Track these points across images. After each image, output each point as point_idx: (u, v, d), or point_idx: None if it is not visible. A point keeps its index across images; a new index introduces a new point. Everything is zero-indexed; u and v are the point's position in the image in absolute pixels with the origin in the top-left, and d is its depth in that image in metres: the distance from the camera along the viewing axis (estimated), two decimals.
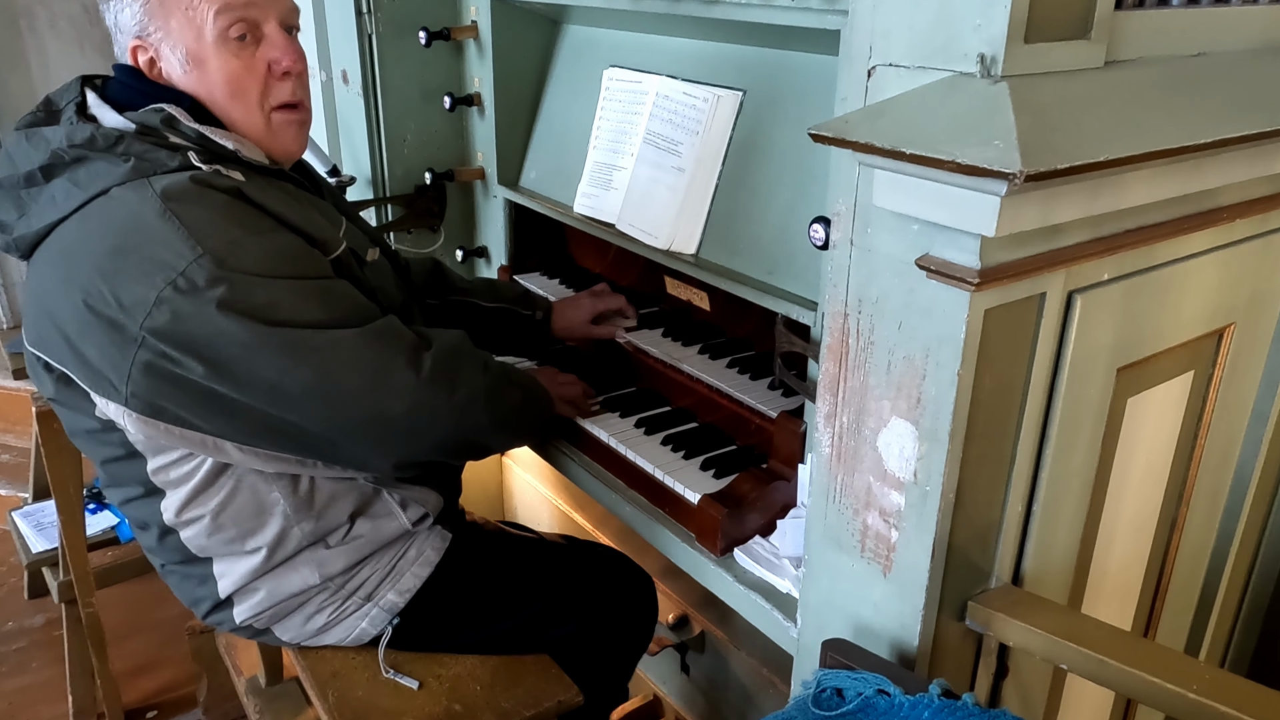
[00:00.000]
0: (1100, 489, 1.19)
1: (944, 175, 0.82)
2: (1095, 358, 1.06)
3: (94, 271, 1.22)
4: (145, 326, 1.20)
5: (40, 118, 1.35)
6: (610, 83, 1.78)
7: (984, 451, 1.00)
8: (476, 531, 1.65)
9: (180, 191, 1.23)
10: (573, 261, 2.17)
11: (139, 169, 1.25)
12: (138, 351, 1.21)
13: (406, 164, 2.10)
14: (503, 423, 1.43)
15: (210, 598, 1.47)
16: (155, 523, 1.41)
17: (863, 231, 0.99)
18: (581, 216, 1.81)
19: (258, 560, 1.43)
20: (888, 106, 0.89)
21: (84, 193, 1.25)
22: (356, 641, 1.54)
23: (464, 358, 1.37)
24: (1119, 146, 0.84)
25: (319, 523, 1.45)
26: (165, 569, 1.50)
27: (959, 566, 1.04)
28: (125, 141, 1.26)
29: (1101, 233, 0.99)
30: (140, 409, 1.27)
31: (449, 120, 2.11)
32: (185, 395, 1.25)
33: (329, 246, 1.34)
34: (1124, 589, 1.34)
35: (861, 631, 1.11)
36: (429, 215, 2.14)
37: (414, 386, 1.29)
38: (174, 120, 1.30)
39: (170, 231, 1.20)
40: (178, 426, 1.29)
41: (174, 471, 1.37)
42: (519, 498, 2.49)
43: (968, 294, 0.89)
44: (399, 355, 1.30)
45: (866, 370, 1.02)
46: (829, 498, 1.11)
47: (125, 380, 1.24)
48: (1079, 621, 1.05)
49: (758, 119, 1.53)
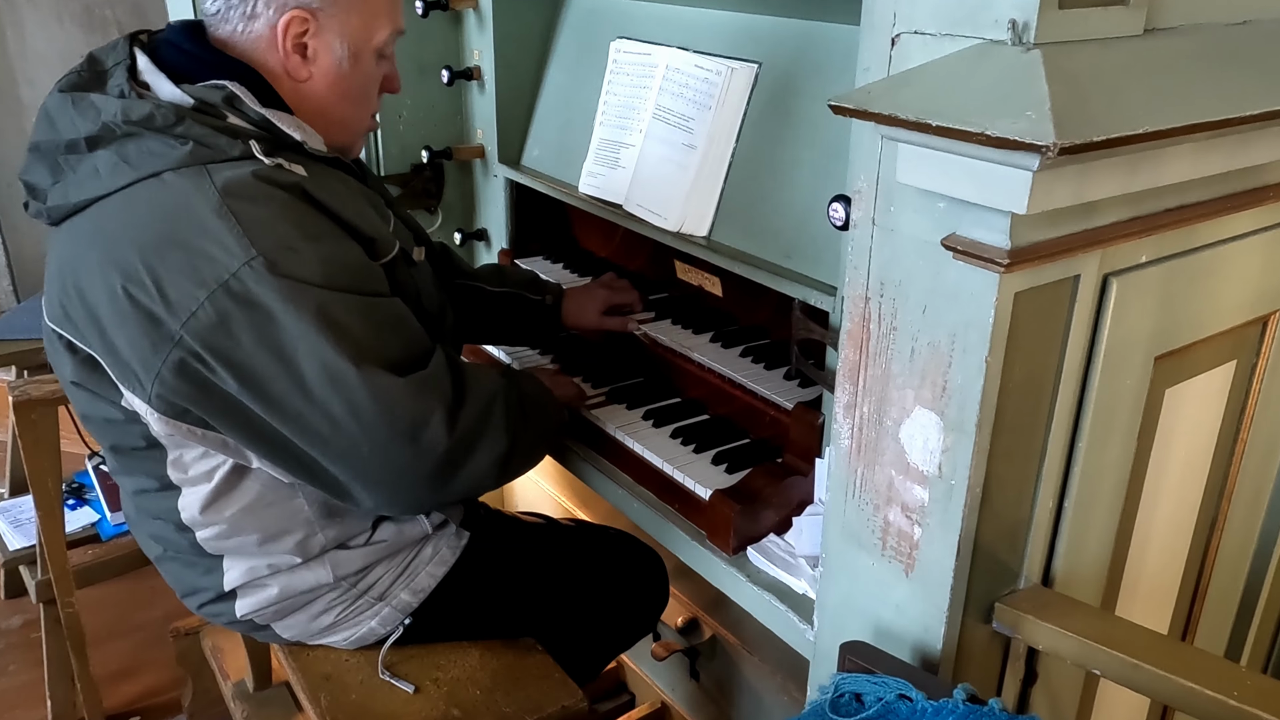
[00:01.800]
0: (1136, 485, 1.18)
1: (972, 149, 0.81)
2: (1132, 345, 1.06)
3: (138, 258, 1.20)
4: (188, 327, 1.19)
5: (85, 79, 1.31)
6: (618, 55, 1.78)
7: (1013, 444, 1.00)
8: (491, 524, 1.67)
9: (241, 188, 1.21)
10: (577, 244, 2.17)
11: (197, 155, 1.22)
12: (173, 350, 1.21)
13: (402, 141, 2.10)
14: (516, 472, 1.45)
15: (213, 589, 1.47)
16: (173, 519, 1.42)
17: (885, 210, 0.98)
18: (587, 197, 1.81)
19: (275, 560, 1.44)
20: (913, 76, 0.89)
21: (134, 171, 1.23)
22: (360, 643, 1.55)
23: (494, 417, 1.35)
24: (1159, 118, 0.83)
25: (343, 527, 1.46)
26: (166, 555, 1.50)
27: (986, 566, 1.04)
28: (185, 122, 1.24)
29: (1139, 211, 0.98)
30: (164, 409, 1.27)
31: (447, 95, 2.11)
32: (212, 403, 1.24)
33: (383, 248, 1.35)
34: (1161, 590, 1.34)
35: (882, 634, 1.11)
36: (426, 196, 2.14)
37: (445, 450, 1.28)
38: (237, 100, 1.29)
39: (225, 230, 1.18)
40: (200, 428, 1.30)
41: (195, 468, 1.37)
42: (520, 493, 2.50)
43: (997, 276, 0.88)
44: (436, 411, 1.27)
45: (889, 357, 1.01)
46: (848, 493, 1.11)
47: (154, 379, 1.23)
48: (1113, 624, 1.04)
49: (774, 92, 1.52)
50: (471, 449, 1.32)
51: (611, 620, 1.73)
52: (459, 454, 1.30)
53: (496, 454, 1.34)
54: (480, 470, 1.33)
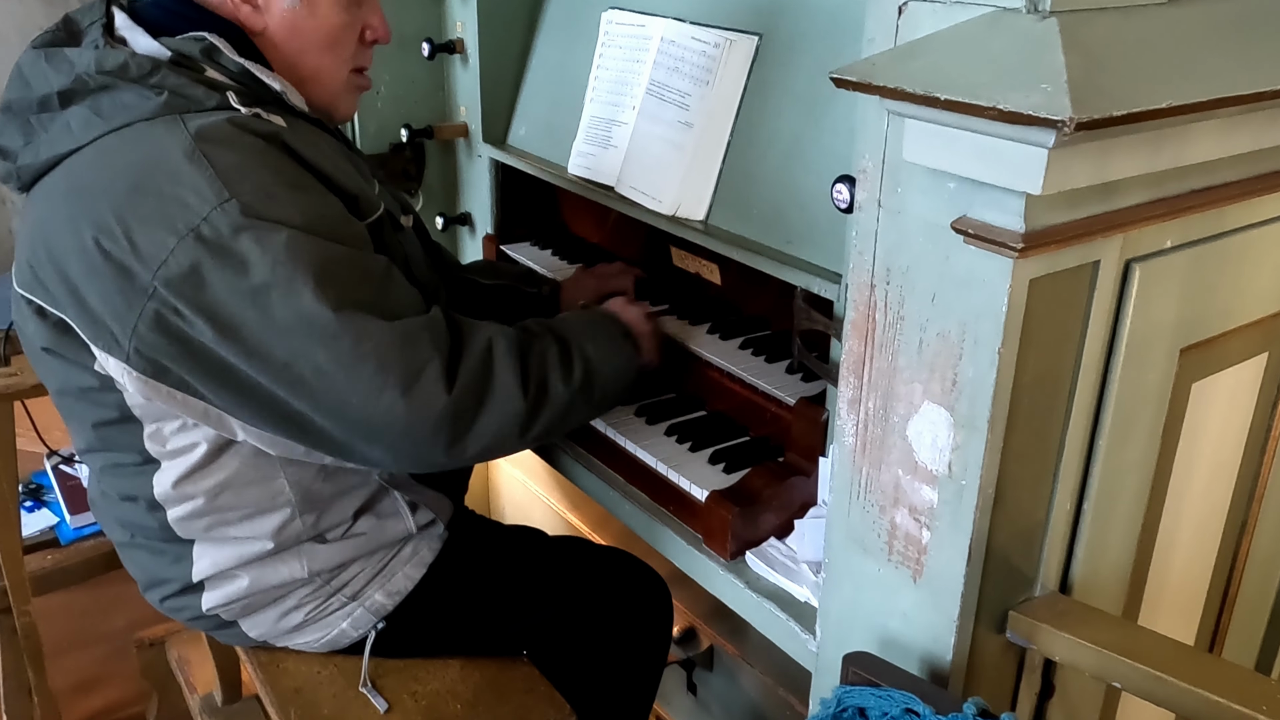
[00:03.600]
0: (1160, 486, 1.18)
1: (983, 124, 0.81)
2: (1155, 336, 1.06)
3: (109, 210, 1.22)
4: (159, 276, 1.20)
5: (60, 37, 1.33)
6: (610, 26, 1.77)
7: (1028, 442, 0.99)
8: (472, 528, 1.66)
9: (215, 132, 1.23)
10: (567, 230, 2.17)
11: (171, 104, 1.24)
12: (147, 303, 1.21)
13: (379, 119, 2.09)
14: (550, 430, 1.40)
15: (180, 579, 1.47)
16: (145, 496, 1.42)
17: (892, 191, 0.98)
18: (576, 178, 1.80)
19: (250, 550, 1.44)
20: (920, 47, 0.88)
21: (106, 124, 1.25)
22: (330, 646, 1.55)
23: (501, 372, 1.33)
24: (1184, 92, 0.82)
25: (323, 516, 1.46)
26: (133, 541, 1.49)
27: (999, 572, 1.04)
28: (160, 72, 1.26)
29: (1164, 193, 0.98)
30: (142, 368, 1.27)
31: (428, 70, 2.10)
32: (191, 359, 1.25)
33: (368, 207, 1.35)
34: (1186, 599, 1.34)
35: (888, 644, 1.11)
36: (405, 178, 2.13)
37: (445, 406, 1.27)
38: (215, 52, 1.31)
39: (198, 174, 1.20)
40: (180, 391, 1.29)
41: (174, 441, 1.37)
42: (507, 496, 2.50)
43: (1010, 261, 0.88)
44: (431, 362, 1.26)
45: (895, 349, 1.01)
46: (852, 494, 1.10)
47: (130, 334, 1.24)
48: (1135, 634, 1.04)
49: (775, 66, 1.51)
50: (480, 405, 1.30)
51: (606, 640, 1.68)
52: (465, 410, 1.29)
53: (511, 412, 1.32)
54: (495, 429, 1.32)
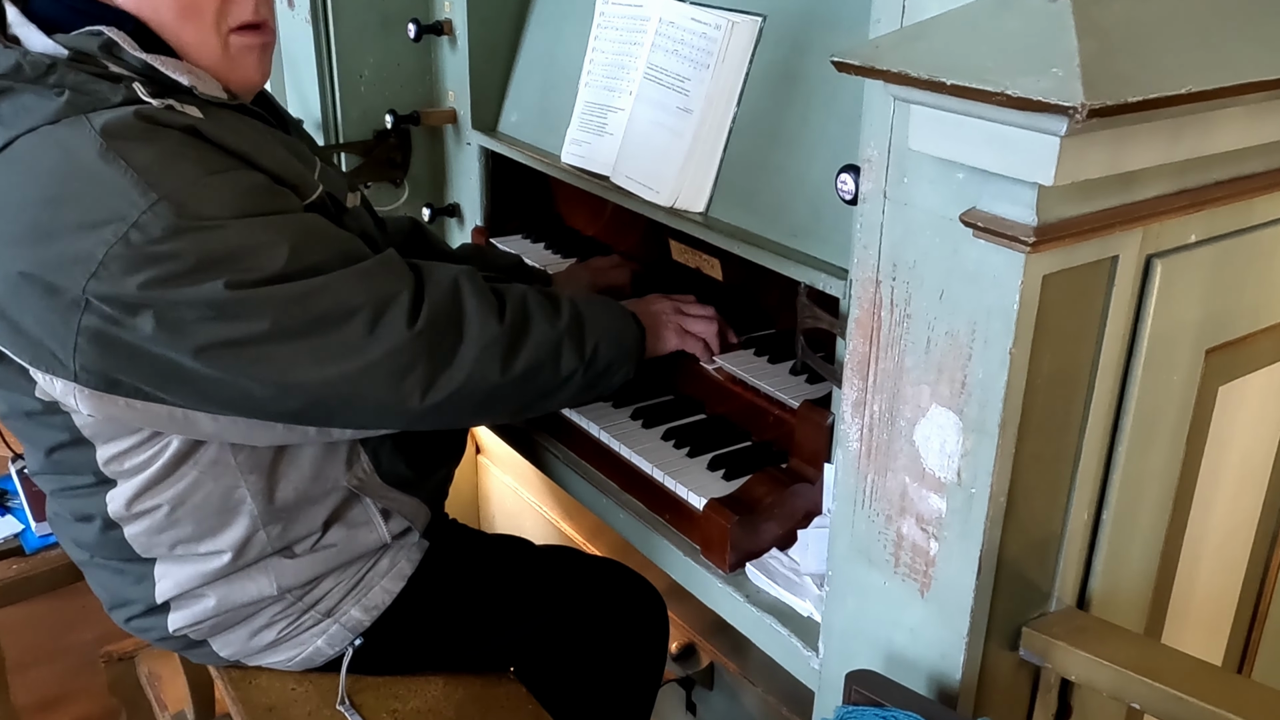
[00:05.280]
0: (1185, 494, 1.18)
1: (992, 111, 0.80)
2: (1179, 336, 1.05)
3: (26, 226, 1.21)
4: (90, 289, 1.19)
5: None
6: (605, 6, 1.77)
7: (1042, 447, 0.99)
8: (455, 537, 1.66)
9: (124, 128, 1.22)
10: (561, 222, 2.17)
11: (75, 104, 1.23)
12: (83, 317, 1.21)
13: (363, 104, 2.09)
14: (551, 377, 1.40)
15: (143, 600, 1.48)
16: (100, 515, 1.42)
17: (898, 182, 0.98)
18: (570, 168, 1.80)
19: (213, 565, 1.44)
20: (927, 28, 0.88)
21: (8, 131, 1.24)
22: (305, 664, 1.55)
23: (470, 305, 1.34)
24: (1206, 76, 0.82)
25: (289, 527, 1.46)
26: (93, 561, 1.50)
27: (1011, 585, 1.04)
28: (58, 70, 1.25)
29: (1186, 184, 0.98)
30: (93, 383, 1.27)
31: (414, 52, 2.10)
32: (141, 366, 1.25)
33: (304, 190, 1.34)
34: (1213, 615, 1.34)
35: (894, 662, 1.11)
36: (390, 166, 2.14)
37: (410, 336, 1.28)
38: (115, 46, 1.29)
39: (116, 175, 1.19)
40: (138, 400, 1.29)
41: (130, 460, 1.38)
42: (497, 504, 2.50)
43: (1022, 256, 0.88)
44: (398, 297, 1.28)
45: (902, 349, 1.01)
46: (856, 502, 1.10)
47: (72, 352, 1.24)
48: (1157, 652, 1.04)
49: (779, 49, 1.51)
50: (451, 332, 1.31)
51: (599, 657, 1.69)
52: (437, 341, 1.30)
53: (488, 339, 1.33)
54: (472, 360, 1.32)
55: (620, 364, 1.47)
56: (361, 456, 1.49)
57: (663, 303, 1.63)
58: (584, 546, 2.20)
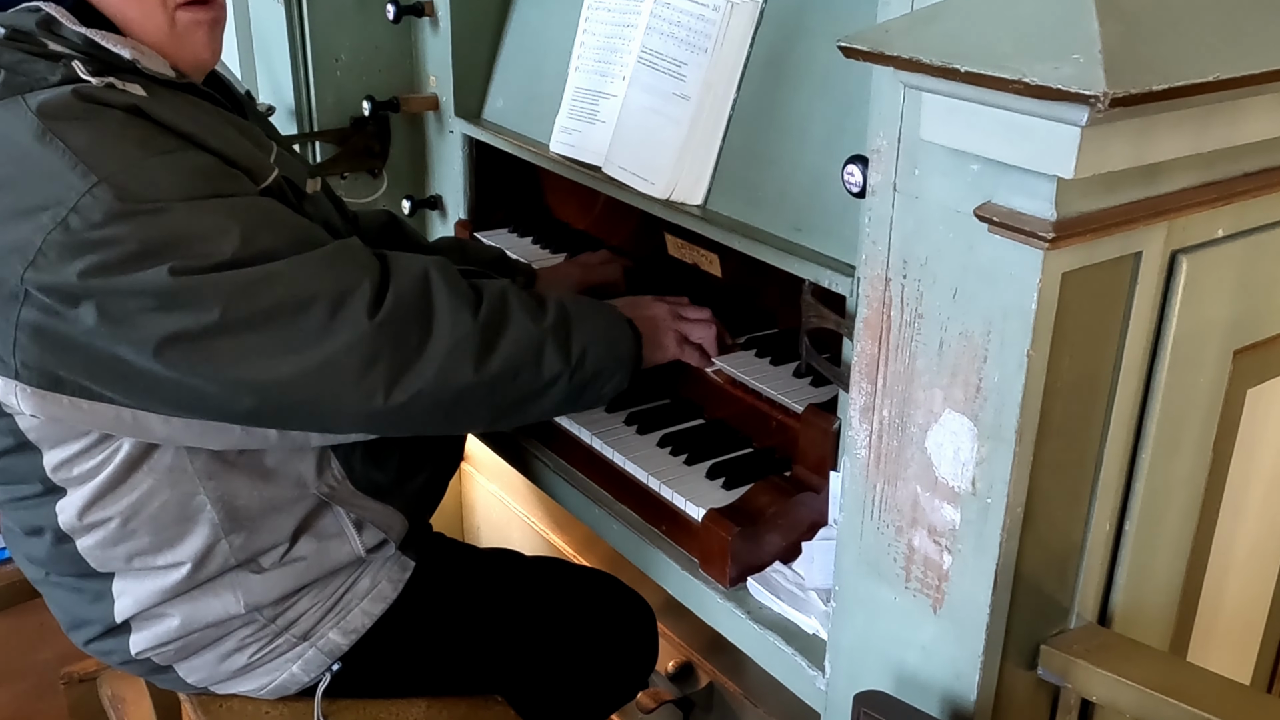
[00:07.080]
0: (1212, 504, 1.18)
1: (1008, 99, 0.81)
2: (1205, 337, 1.06)
3: None
4: (28, 278, 1.19)
5: None
6: None
7: (1061, 454, 0.99)
8: (440, 552, 1.66)
9: (63, 108, 1.22)
10: (550, 215, 2.17)
11: (10, 84, 1.24)
12: (21, 310, 1.21)
13: (339, 90, 2.10)
14: (533, 379, 1.38)
15: (101, 621, 1.47)
16: (50, 527, 1.42)
17: (909, 174, 0.98)
18: (559, 157, 1.80)
19: (172, 579, 1.44)
20: (940, 11, 0.88)
21: None
22: (279, 692, 1.55)
23: (441, 297, 1.32)
24: (1234, 63, 0.83)
25: (253, 537, 1.45)
26: (48, 579, 1.50)
27: (1029, 600, 1.04)
28: None
29: (1214, 176, 0.98)
30: (35, 381, 1.27)
31: (393, 34, 2.10)
32: (84, 361, 1.25)
33: (258, 174, 1.34)
34: (1241, 631, 1.34)
35: (905, 682, 1.11)
36: (368, 155, 2.13)
37: (372, 327, 1.27)
38: (54, 23, 1.30)
39: (55, 158, 1.19)
40: (84, 399, 1.29)
41: (79, 465, 1.37)
42: (482, 514, 2.50)
43: (1040, 253, 0.88)
44: (359, 286, 1.27)
45: (913, 350, 1.01)
46: (865, 513, 1.10)
47: (11, 348, 1.24)
48: (1183, 671, 1.05)
49: (782, 32, 1.51)
50: (419, 325, 1.30)
51: (587, 676, 1.70)
52: (403, 333, 1.29)
53: (460, 334, 1.31)
54: (442, 355, 1.31)
55: (612, 372, 1.45)
56: (332, 462, 1.48)
57: (659, 307, 1.61)
58: (574, 559, 2.19)
